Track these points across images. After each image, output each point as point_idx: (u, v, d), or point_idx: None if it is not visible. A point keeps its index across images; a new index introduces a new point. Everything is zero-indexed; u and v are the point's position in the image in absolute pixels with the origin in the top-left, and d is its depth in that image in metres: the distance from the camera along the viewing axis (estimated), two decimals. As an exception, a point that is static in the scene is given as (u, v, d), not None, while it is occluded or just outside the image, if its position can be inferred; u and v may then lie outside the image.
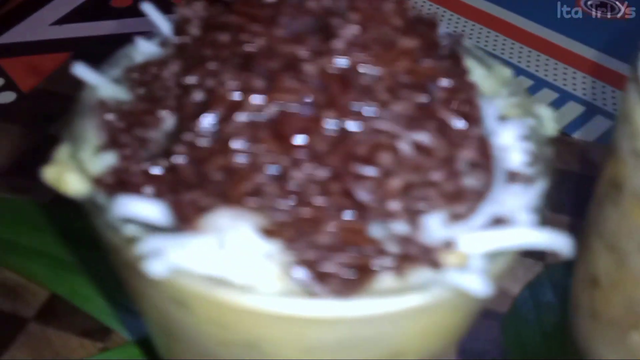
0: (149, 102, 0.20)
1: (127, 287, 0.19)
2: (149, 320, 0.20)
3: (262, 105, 0.16)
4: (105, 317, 0.29)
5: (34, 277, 0.31)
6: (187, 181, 0.16)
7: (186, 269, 0.15)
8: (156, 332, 0.20)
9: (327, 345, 0.15)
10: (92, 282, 0.30)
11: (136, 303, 0.19)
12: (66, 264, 0.31)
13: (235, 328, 0.15)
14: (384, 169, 0.14)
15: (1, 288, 0.31)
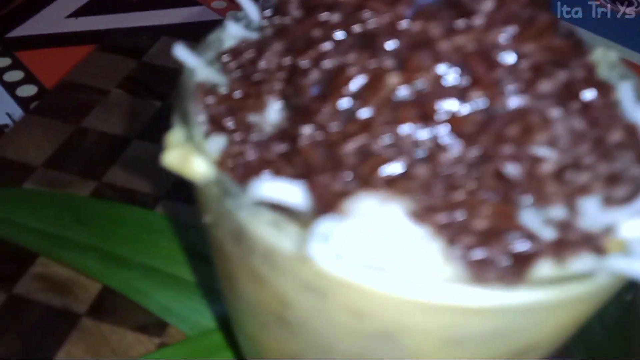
0: (250, 86, 0.20)
1: (239, 277, 0.18)
2: (254, 312, 0.19)
3: (400, 85, 0.16)
4: (162, 311, 0.29)
5: (86, 271, 0.30)
6: (318, 165, 0.16)
7: (337, 253, 0.14)
8: (259, 324, 0.20)
9: (471, 336, 0.15)
10: (147, 275, 0.30)
11: (239, 294, 0.19)
12: (117, 258, 0.30)
13: (373, 317, 0.15)
14: (538, 150, 0.14)
15: (50, 283, 0.30)
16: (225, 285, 0.20)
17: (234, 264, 0.18)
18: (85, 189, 0.35)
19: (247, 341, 0.21)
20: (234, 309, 0.21)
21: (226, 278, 0.20)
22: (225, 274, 0.20)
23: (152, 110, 0.41)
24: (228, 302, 0.21)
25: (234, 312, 0.21)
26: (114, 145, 0.38)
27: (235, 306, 0.20)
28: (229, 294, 0.20)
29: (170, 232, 0.32)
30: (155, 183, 0.36)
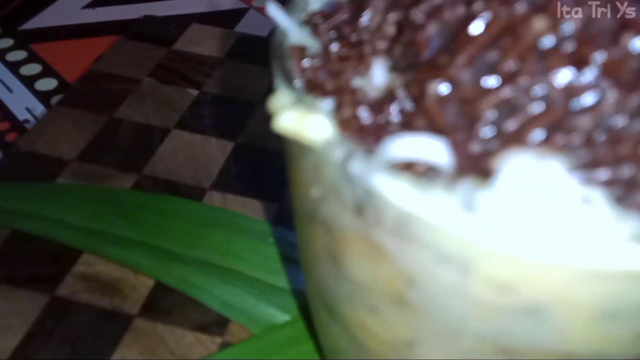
0: (351, 47, 0.17)
1: (349, 255, 0.16)
2: (362, 295, 0.17)
3: (546, 31, 0.14)
4: (224, 307, 0.26)
5: (138, 268, 0.27)
6: (452, 124, 0.14)
7: (486, 219, 0.12)
8: (367, 308, 0.17)
9: (631, 307, 0.13)
10: (203, 270, 0.27)
11: (345, 275, 0.17)
12: (169, 253, 0.28)
13: (522, 290, 0.13)
14: None
15: (95, 283, 0.28)
16: (323, 268, 0.18)
17: (346, 240, 0.16)
18: (124, 182, 0.32)
19: (343, 330, 0.19)
20: (333, 293, 0.18)
21: (326, 259, 0.17)
22: (326, 255, 0.17)
23: (189, 99, 0.38)
24: (322, 288, 0.19)
25: (332, 296, 0.18)
26: (152, 136, 0.35)
27: (334, 290, 0.18)
28: (327, 277, 0.18)
29: (225, 225, 0.29)
30: (199, 174, 0.33)
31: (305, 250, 0.19)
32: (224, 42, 0.43)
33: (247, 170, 0.34)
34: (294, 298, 0.27)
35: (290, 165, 0.18)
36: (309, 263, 0.19)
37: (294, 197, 0.19)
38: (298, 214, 0.19)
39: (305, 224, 0.18)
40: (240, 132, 0.36)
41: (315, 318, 0.21)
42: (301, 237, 0.19)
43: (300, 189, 0.18)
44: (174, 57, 0.41)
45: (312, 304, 0.21)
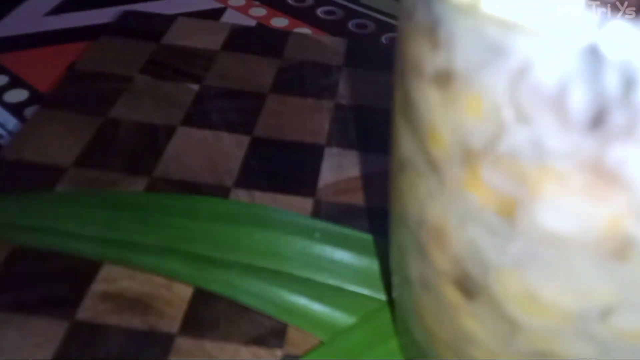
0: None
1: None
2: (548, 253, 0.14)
3: None
4: (282, 312, 0.23)
5: (176, 277, 0.23)
6: None
7: None
8: (551, 270, 0.14)
9: None
10: (251, 274, 0.24)
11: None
12: (207, 258, 0.24)
13: None
14: None
15: (121, 302, 0.24)
16: (476, 228, 0.15)
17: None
18: (135, 186, 0.28)
19: (491, 310, 0.16)
20: (485, 261, 0.15)
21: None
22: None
23: (190, 94, 0.34)
24: (465, 257, 0.16)
25: (480, 264, 0.15)
26: (157, 135, 0.31)
27: (490, 258, 0.15)
28: (479, 238, 0.15)
29: (263, 222, 0.26)
30: (219, 172, 0.29)
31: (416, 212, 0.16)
32: (216, 34, 0.40)
33: (270, 164, 0.30)
34: (355, 298, 0.24)
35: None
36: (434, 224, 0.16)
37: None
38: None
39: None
40: (254, 125, 0.33)
41: (426, 309, 0.18)
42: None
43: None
44: (164, 51, 0.37)
45: (417, 292, 0.18)
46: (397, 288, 0.20)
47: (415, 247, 0.16)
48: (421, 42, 0.13)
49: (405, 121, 0.15)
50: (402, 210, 0.16)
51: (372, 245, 0.26)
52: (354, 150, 0.32)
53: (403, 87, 0.15)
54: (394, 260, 0.19)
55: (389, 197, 0.19)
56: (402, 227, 0.17)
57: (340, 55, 0.39)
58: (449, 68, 0.13)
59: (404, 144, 0.15)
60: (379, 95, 0.35)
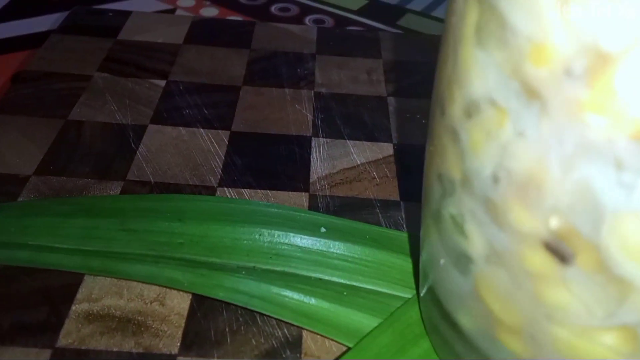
0: None
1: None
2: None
3: None
4: (299, 317, 0.20)
5: (177, 286, 0.20)
6: None
7: None
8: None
9: None
10: (257, 277, 0.21)
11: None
12: (207, 264, 0.21)
13: None
14: None
15: (110, 322, 0.20)
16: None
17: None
18: (107, 192, 0.25)
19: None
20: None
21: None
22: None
23: (157, 90, 0.31)
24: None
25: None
26: (125, 135, 0.28)
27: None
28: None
29: (262, 219, 0.23)
30: (200, 171, 0.27)
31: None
32: (175, 28, 0.37)
33: (256, 159, 0.28)
34: (375, 297, 0.21)
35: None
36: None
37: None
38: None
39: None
40: (232, 119, 0.30)
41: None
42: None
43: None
44: (123, 47, 0.34)
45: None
46: (439, 275, 0.18)
47: (483, 213, 0.14)
48: None
49: (484, 48, 0.12)
50: (465, 169, 0.14)
51: (383, 238, 0.24)
52: (343, 140, 0.29)
53: (484, 4, 0.12)
54: (435, 243, 0.17)
55: (429, 164, 0.17)
56: (461, 192, 0.14)
57: (312, 43, 0.37)
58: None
59: (479, 79, 0.13)
60: (357, 81, 0.33)
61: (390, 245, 0.23)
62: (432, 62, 0.17)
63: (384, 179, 0.27)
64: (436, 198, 0.16)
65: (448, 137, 0.15)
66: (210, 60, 0.34)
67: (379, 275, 0.22)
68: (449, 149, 0.15)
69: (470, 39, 0.13)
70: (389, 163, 0.28)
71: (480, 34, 0.13)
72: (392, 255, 0.23)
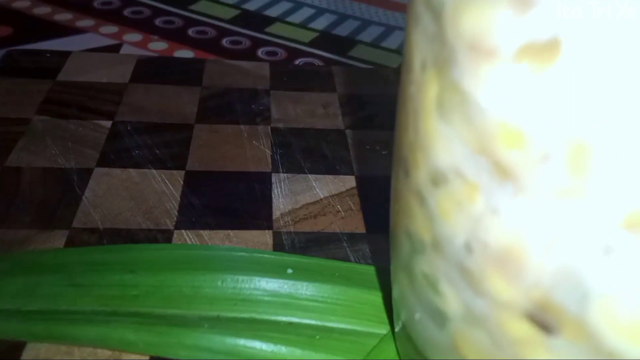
0: None
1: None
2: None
3: None
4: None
5: (130, 349, 0.18)
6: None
7: None
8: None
9: None
10: (222, 329, 0.19)
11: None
12: (165, 318, 0.19)
13: None
14: None
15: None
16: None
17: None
18: (51, 243, 0.23)
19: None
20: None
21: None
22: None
23: (103, 131, 0.29)
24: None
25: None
26: (69, 180, 0.26)
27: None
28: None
29: (225, 265, 0.21)
30: (154, 214, 0.25)
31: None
32: (120, 67, 0.35)
33: (214, 199, 0.26)
34: (350, 337, 0.20)
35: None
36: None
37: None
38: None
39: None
40: (187, 158, 0.28)
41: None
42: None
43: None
44: (63, 88, 0.32)
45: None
46: (410, 325, 0.17)
47: (459, 277, 0.13)
48: (494, 7, 0.10)
49: (448, 123, 0.12)
50: (436, 234, 0.13)
51: (353, 274, 0.22)
52: (304, 174, 0.28)
53: (445, 79, 0.12)
54: (405, 295, 0.16)
55: (398, 219, 0.16)
56: (433, 254, 0.13)
57: (265, 79, 0.36)
58: (553, 35, 0.09)
59: (444, 151, 0.12)
60: (314, 115, 0.33)
61: (361, 280, 0.22)
62: (386, 94, 0.16)
63: (349, 212, 0.26)
64: (406, 252, 0.15)
65: (414, 199, 0.14)
66: (160, 99, 0.33)
67: (352, 313, 0.21)
68: (416, 211, 0.14)
69: (431, 112, 0.12)
70: (353, 195, 0.27)
71: (442, 108, 0.12)
72: (364, 291, 0.21)
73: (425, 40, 0.12)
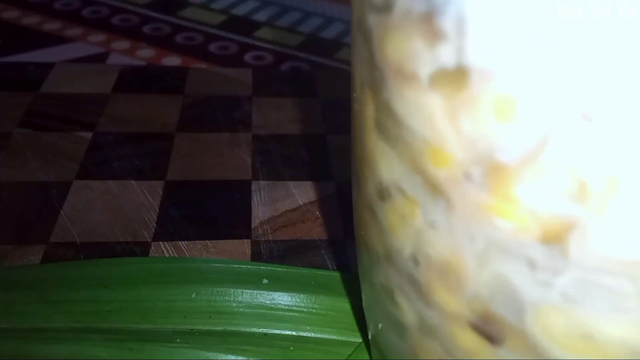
0: None
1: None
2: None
3: None
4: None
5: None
6: None
7: None
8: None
9: None
10: (196, 343, 0.19)
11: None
12: (138, 333, 0.19)
13: None
14: None
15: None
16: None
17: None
18: (28, 258, 0.23)
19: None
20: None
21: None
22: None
23: (83, 143, 0.29)
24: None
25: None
26: (48, 194, 0.26)
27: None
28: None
29: (200, 277, 0.21)
30: (132, 226, 0.25)
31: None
32: (103, 78, 0.35)
33: (193, 209, 0.26)
34: (325, 346, 0.20)
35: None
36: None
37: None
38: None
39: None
40: (167, 169, 0.28)
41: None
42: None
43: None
44: (45, 100, 0.32)
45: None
46: (378, 334, 0.17)
47: (410, 289, 0.13)
48: (409, 38, 0.10)
49: (385, 140, 0.12)
50: (387, 246, 0.13)
51: (330, 282, 0.22)
52: (284, 181, 0.28)
53: (379, 100, 0.12)
54: (373, 304, 0.16)
55: (358, 232, 0.16)
56: (387, 265, 0.13)
57: (247, 86, 0.36)
58: (460, 65, 0.10)
59: (385, 168, 0.12)
60: (295, 121, 0.32)
61: (338, 288, 0.22)
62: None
63: (328, 219, 0.26)
64: (366, 263, 0.15)
65: (367, 212, 0.14)
66: (142, 109, 0.33)
67: (327, 322, 0.21)
68: (369, 223, 0.14)
69: (371, 129, 0.12)
70: (332, 202, 0.27)
71: (380, 127, 0.12)
72: (340, 299, 0.21)
73: (360, 61, 0.12)
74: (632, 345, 0.10)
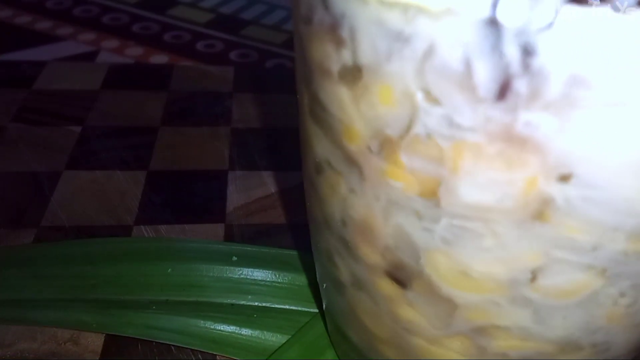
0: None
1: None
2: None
3: None
4: (210, 344, 0.21)
5: (86, 328, 0.21)
6: None
7: None
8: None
9: None
10: (168, 310, 0.22)
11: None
12: (118, 302, 0.22)
13: None
14: None
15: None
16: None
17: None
18: (20, 240, 0.25)
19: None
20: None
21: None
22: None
23: (73, 136, 0.32)
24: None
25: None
26: (39, 184, 0.29)
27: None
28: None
29: (175, 254, 0.24)
30: (117, 211, 0.27)
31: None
32: (93, 75, 0.37)
33: (173, 196, 0.29)
34: (285, 315, 0.22)
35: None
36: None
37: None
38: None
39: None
40: (150, 160, 0.31)
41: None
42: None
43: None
44: (38, 97, 0.35)
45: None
46: (327, 296, 0.19)
47: (342, 248, 0.16)
48: (324, 43, 0.13)
49: (316, 123, 0.15)
50: (324, 213, 0.16)
51: (294, 260, 0.25)
52: (258, 171, 0.31)
53: (310, 91, 0.14)
54: (320, 269, 0.19)
55: (306, 205, 0.18)
56: (326, 231, 0.16)
57: (229, 82, 0.38)
58: (355, 63, 0.12)
59: (318, 146, 0.15)
60: (273, 116, 0.35)
61: (299, 266, 0.24)
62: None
63: (297, 205, 0.28)
64: (314, 233, 0.18)
65: (309, 186, 0.17)
66: (128, 104, 0.35)
67: (289, 294, 0.23)
68: (311, 195, 0.17)
69: (307, 116, 0.15)
70: (302, 189, 0.29)
71: (312, 113, 0.15)
72: (301, 275, 0.24)
73: (298, 61, 0.15)
74: (498, 279, 0.13)
